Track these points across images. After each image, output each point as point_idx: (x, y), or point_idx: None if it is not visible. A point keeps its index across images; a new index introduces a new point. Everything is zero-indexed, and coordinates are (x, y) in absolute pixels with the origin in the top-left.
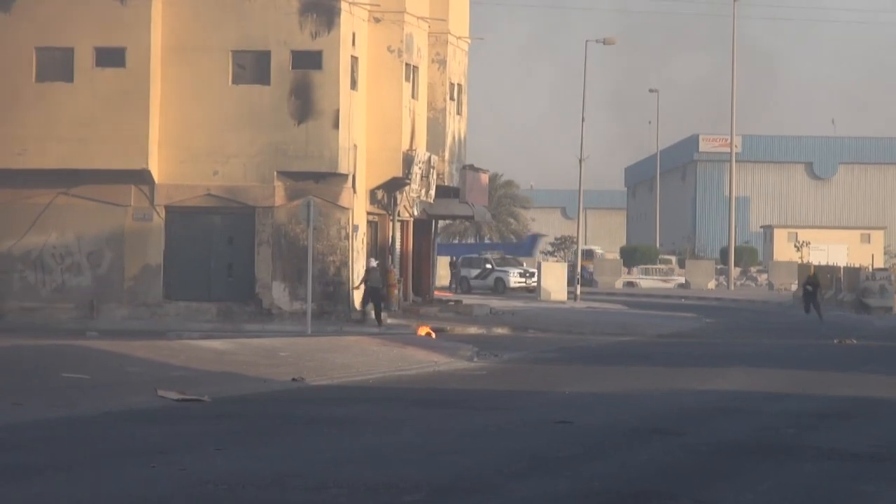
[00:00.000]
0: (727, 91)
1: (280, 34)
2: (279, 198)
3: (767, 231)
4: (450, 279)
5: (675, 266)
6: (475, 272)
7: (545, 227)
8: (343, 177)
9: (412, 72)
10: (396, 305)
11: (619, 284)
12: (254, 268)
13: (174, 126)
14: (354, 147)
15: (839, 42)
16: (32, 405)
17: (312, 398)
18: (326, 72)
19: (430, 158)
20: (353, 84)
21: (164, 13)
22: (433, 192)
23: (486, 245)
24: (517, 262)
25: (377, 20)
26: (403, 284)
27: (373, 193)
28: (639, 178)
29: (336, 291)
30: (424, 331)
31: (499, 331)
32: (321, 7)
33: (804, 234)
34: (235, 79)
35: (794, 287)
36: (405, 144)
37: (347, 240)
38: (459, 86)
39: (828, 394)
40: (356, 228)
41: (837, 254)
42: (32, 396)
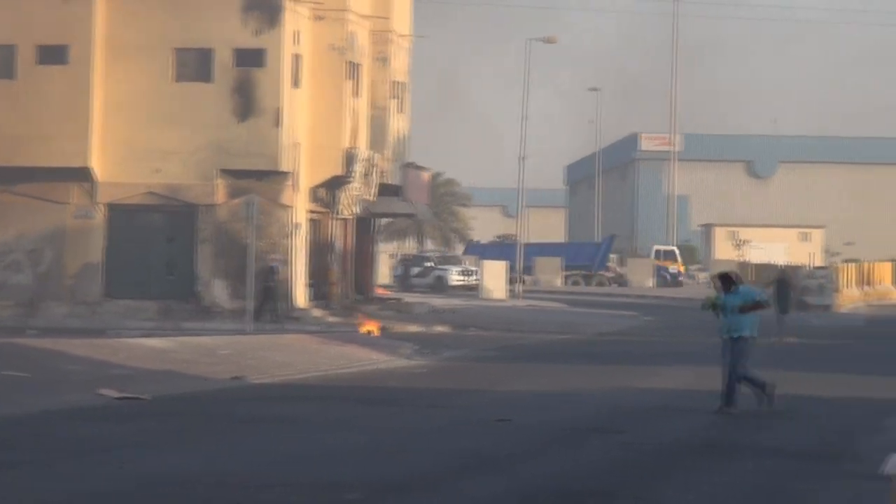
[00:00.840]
0: (668, 89)
1: (223, 32)
2: (220, 196)
3: (707, 229)
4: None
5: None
6: (416, 270)
7: (485, 226)
8: (285, 175)
9: (354, 70)
10: (337, 304)
11: (560, 282)
12: (194, 266)
13: (116, 124)
14: (296, 145)
15: (781, 41)
16: None
17: (253, 397)
18: (269, 70)
19: (372, 156)
20: (296, 82)
21: (107, 11)
22: (375, 191)
23: (559, 245)
24: (458, 261)
25: (320, 18)
26: (344, 283)
27: (314, 191)
28: (579, 177)
29: (277, 289)
30: (368, 328)
31: (439, 329)
32: (264, 5)
33: (744, 233)
34: (178, 77)
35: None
36: (347, 142)
37: (289, 238)
38: (402, 84)
39: None
40: (297, 226)
41: (776, 252)
42: None
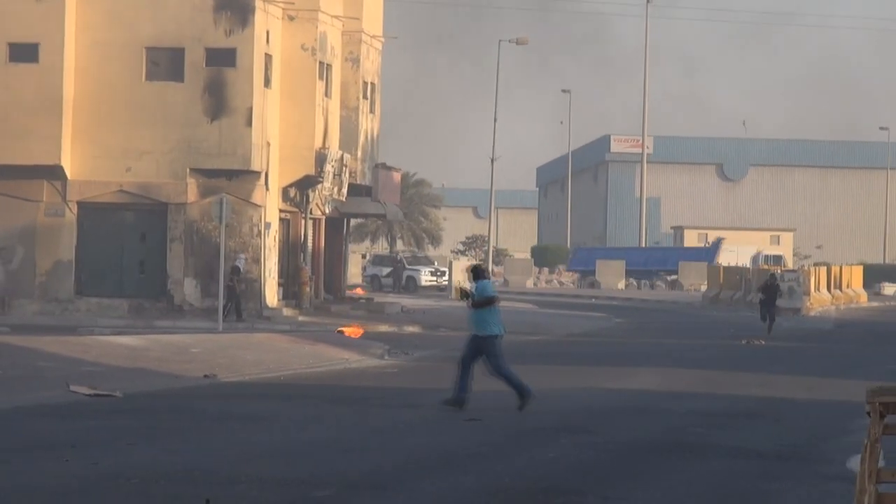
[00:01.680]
0: (640, 92)
1: (194, 31)
2: (192, 195)
3: (678, 232)
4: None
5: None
6: (386, 270)
7: (456, 227)
8: (256, 174)
9: (326, 70)
10: (308, 303)
11: (531, 283)
12: (166, 264)
13: (87, 122)
14: (268, 145)
15: (752, 44)
16: None
17: (224, 395)
18: (240, 69)
19: (343, 157)
20: (267, 82)
21: (79, 9)
22: (345, 191)
23: (666, 249)
24: (428, 261)
25: (291, 18)
26: (315, 282)
27: (285, 191)
28: (550, 178)
29: (247, 289)
30: (355, 333)
31: (410, 329)
32: (236, 5)
33: (714, 235)
34: (149, 75)
35: (704, 288)
36: (318, 143)
37: (260, 237)
38: (373, 84)
39: (736, 394)
40: (268, 226)
41: (747, 255)
42: None
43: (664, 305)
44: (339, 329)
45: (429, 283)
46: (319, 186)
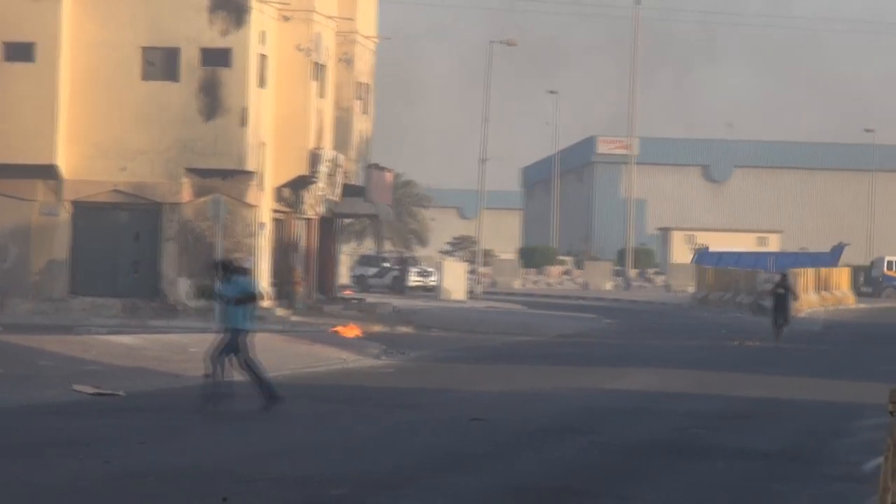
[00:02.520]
0: (626, 93)
1: (190, 31)
2: (186, 194)
3: (664, 233)
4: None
5: (572, 267)
6: (373, 271)
7: (441, 227)
8: (250, 174)
9: (320, 70)
10: (301, 303)
11: (518, 284)
12: (159, 264)
13: (82, 122)
14: (262, 145)
15: (737, 46)
16: None
17: (226, 394)
18: (235, 69)
19: (337, 157)
20: (262, 82)
21: (74, 9)
22: (340, 191)
23: (791, 255)
24: (415, 261)
25: (286, 19)
26: (307, 282)
27: (279, 191)
28: (536, 179)
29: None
30: (352, 333)
31: (403, 329)
32: (231, 5)
33: (702, 237)
34: (145, 75)
35: (692, 289)
36: (312, 143)
37: (253, 237)
38: (366, 85)
39: (732, 394)
40: (262, 226)
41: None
42: None
43: (653, 306)
44: (334, 329)
45: (416, 284)
46: (313, 187)
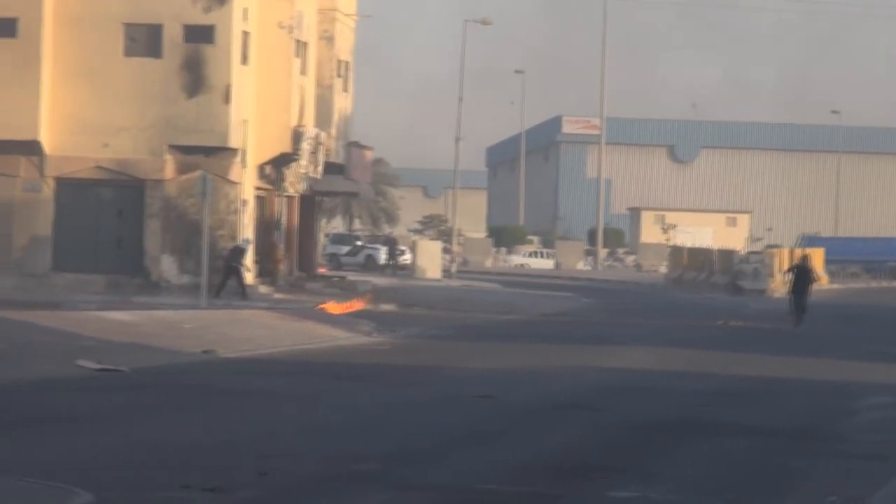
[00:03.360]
0: (592, 73)
1: (173, 8)
2: (169, 171)
3: (634, 213)
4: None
5: (539, 247)
6: (346, 249)
7: (406, 206)
8: (233, 151)
9: (302, 48)
10: (283, 281)
11: (490, 263)
12: (143, 240)
13: (65, 98)
14: (245, 122)
15: (703, 26)
16: None
17: (227, 371)
18: (218, 46)
19: (319, 135)
20: (245, 59)
21: None
22: (321, 169)
23: (865, 240)
24: (386, 240)
25: None
26: (289, 260)
27: (261, 168)
28: (500, 159)
29: (242, 271)
30: (343, 307)
31: (385, 307)
32: None
33: (671, 217)
34: (127, 51)
35: (663, 269)
36: (294, 120)
37: (236, 214)
38: (346, 63)
39: (728, 373)
40: (245, 203)
41: (703, 237)
42: None
43: (627, 286)
44: (321, 306)
45: (389, 262)
46: (295, 164)
